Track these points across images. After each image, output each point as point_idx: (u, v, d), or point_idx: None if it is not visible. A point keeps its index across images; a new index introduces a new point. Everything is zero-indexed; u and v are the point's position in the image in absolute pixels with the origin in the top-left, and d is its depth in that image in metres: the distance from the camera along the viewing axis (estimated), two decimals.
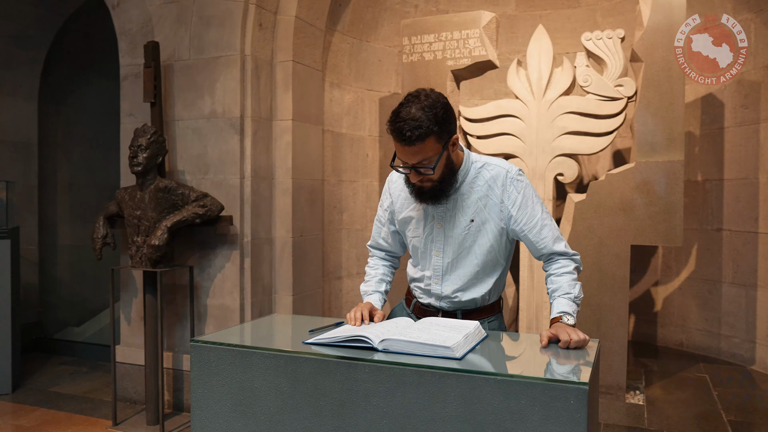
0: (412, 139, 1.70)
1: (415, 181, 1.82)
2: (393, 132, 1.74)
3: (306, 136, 4.23)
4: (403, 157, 1.78)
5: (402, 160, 1.80)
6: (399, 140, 1.73)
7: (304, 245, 4.24)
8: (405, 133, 1.70)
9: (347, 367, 1.53)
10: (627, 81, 3.85)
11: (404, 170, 1.82)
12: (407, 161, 1.78)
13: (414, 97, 1.75)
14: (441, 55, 4.15)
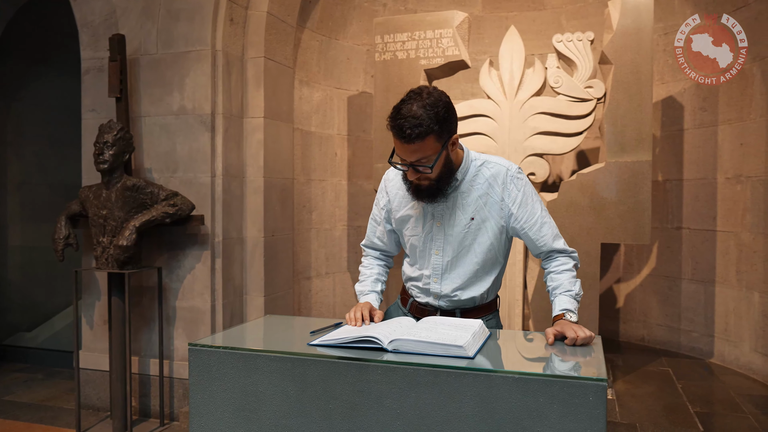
0: (411, 137, 1.69)
1: (412, 179, 1.81)
2: (393, 128, 1.72)
3: (277, 134, 4.16)
4: (401, 154, 1.76)
5: (400, 156, 1.77)
6: (398, 137, 1.71)
7: (276, 245, 4.17)
8: (405, 131, 1.68)
9: (358, 368, 1.50)
10: (596, 83, 3.93)
11: (402, 167, 1.80)
12: (405, 158, 1.76)
13: (416, 95, 1.73)
14: (414, 54, 4.15)
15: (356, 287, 2.10)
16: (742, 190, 4.26)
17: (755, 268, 4.14)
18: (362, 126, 5.24)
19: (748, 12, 4.11)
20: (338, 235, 5.14)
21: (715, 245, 4.51)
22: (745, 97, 4.20)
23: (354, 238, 5.22)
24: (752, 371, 4.17)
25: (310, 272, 4.92)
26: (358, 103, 5.19)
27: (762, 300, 4.07)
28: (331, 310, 5.11)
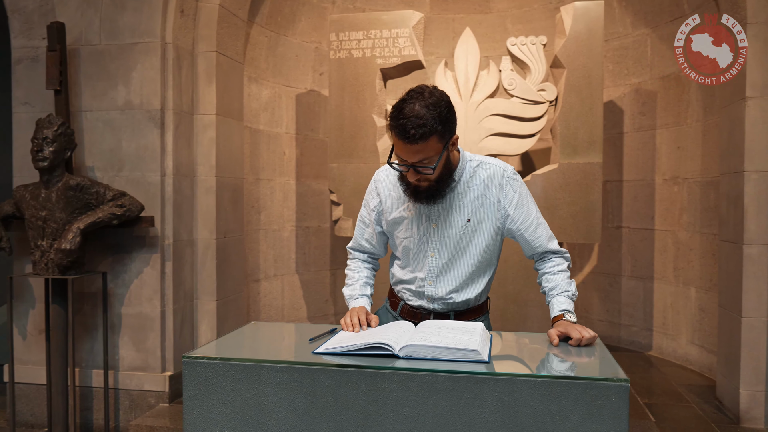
0: (415, 138, 1.64)
1: (412, 180, 1.76)
2: (395, 128, 1.67)
3: (229, 132, 4.01)
4: (402, 155, 1.71)
5: (401, 157, 1.73)
6: (401, 138, 1.66)
7: (228, 247, 4.01)
8: (409, 131, 1.64)
9: (373, 376, 1.45)
10: (549, 86, 4.03)
11: (401, 168, 1.76)
12: (407, 159, 1.71)
13: (417, 94, 1.69)
14: (370, 53, 4.11)
15: (345, 291, 2.04)
16: (679, 191, 4.48)
17: (692, 264, 4.37)
18: (310, 125, 5.15)
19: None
20: (286, 236, 5.02)
21: (653, 243, 4.73)
22: (682, 103, 4.43)
23: (302, 239, 5.12)
24: (689, 362, 4.40)
25: (258, 274, 4.78)
26: (306, 102, 5.09)
27: (698, 295, 4.30)
28: (279, 313, 4.99)
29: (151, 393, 3.63)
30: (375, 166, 4.13)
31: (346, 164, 4.16)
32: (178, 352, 3.71)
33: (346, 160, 4.16)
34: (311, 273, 5.21)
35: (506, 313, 4.01)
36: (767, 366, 3.28)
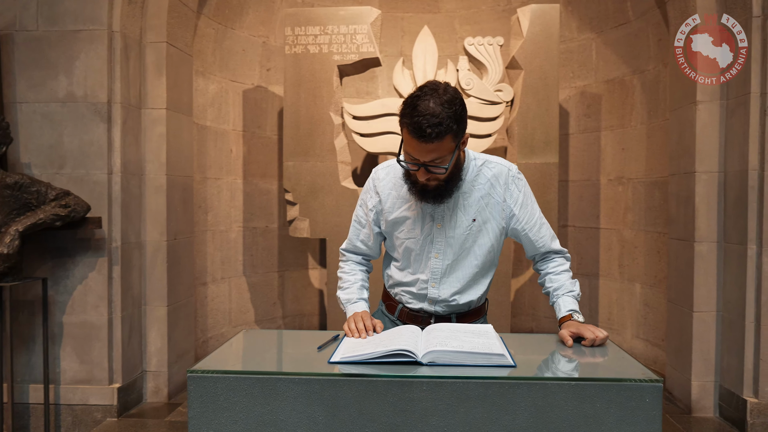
0: (432, 137, 1.58)
1: (422, 179, 1.70)
2: (410, 126, 1.60)
3: (179, 128, 3.79)
4: (415, 153, 1.64)
5: (412, 156, 1.66)
6: (416, 136, 1.59)
7: (178, 249, 3.80)
8: (425, 130, 1.57)
9: (400, 385, 1.38)
10: (505, 87, 4.07)
11: (412, 167, 1.69)
12: (419, 158, 1.65)
13: (432, 90, 1.62)
14: (327, 49, 4.00)
15: (340, 295, 1.95)
16: (624, 190, 4.65)
17: (636, 262, 4.55)
18: (258, 122, 4.97)
19: (629, 29, 4.50)
20: (234, 237, 4.82)
21: (598, 242, 4.89)
22: (626, 106, 4.60)
23: (249, 240, 4.94)
24: (635, 356, 4.56)
25: (206, 277, 4.57)
26: (253, 98, 4.92)
27: (643, 291, 4.48)
28: (226, 318, 4.79)
29: (97, 407, 3.38)
30: (332, 165, 4.03)
31: (302, 163, 4.04)
32: (127, 362, 3.47)
33: (302, 158, 4.04)
34: (259, 275, 5.04)
35: None
36: (716, 358, 3.45)
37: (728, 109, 3.36)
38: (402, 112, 1.64)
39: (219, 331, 4.72)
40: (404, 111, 1.63)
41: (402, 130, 1.65)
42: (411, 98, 1.63)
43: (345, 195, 4.03)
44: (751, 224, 3.16)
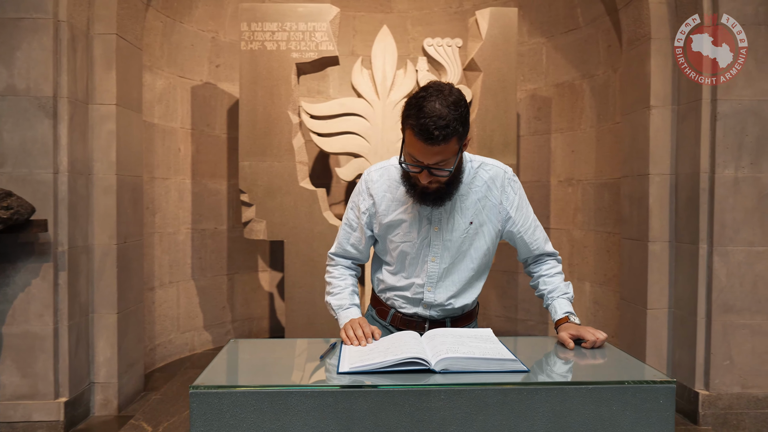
0: (438, 140, 1.54)
1: (424, 182, 1.66)
2: (415, 128, 1.55)
3: (129, 125, 3.59)
4: (419, 155, 1.60)
5: (415, 158, 1.61)
6: (422, 138, 1.55)
7: (128, 253, 3.60)
8: (432, 132, 1.53)
9: (418, 395, 1.33)
10: (464, 88, 4.09)
11: (414, 169, 1.64)
12: (423, 161, 1.60)
13: (437, 91, 1.58)
14: (285, 46, 3.90)
15: (330, 300, 1.88)
16: (573, 192, 4.78)
17: (586, 261, 4.68)
18: (207, 120, 4.79)
19: (579, 34, 4.63)
20: (182, 240, 4.63)
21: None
22: (576, 109, 4.73)
23: (198, 242, 4.76)
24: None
25: (153, 282, 4.36)
26: (202, 95, 4.74)
27: (593, 288, 4.62)
28: (174, 323, 4.59)
29: (41, 424, 3.15)
30: (291, 165, 3.93)
31: (259, 163, 3.92)
32: (74, 374, 3.26)
33: (259, 158, 3.92)
34: (207, 279, 4.86)
35: None
36: (668, 353, 3.59)
37: (679, 114, 3.50)
38: (406, 113, 1.59)
39: (167, 338, 4.52)
40: (409, 112, 1.58)
41: (405, 131, 1.61)
42: (416, 99, 1.58)
43: (303, 196, 3.94)
44: (703, 224, 3.31)
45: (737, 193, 3.25)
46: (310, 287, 3.95)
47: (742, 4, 3.21)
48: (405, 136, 1.62)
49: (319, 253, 3.93)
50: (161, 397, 3.77)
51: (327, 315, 3.94)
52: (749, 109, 3.23)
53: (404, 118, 1.60)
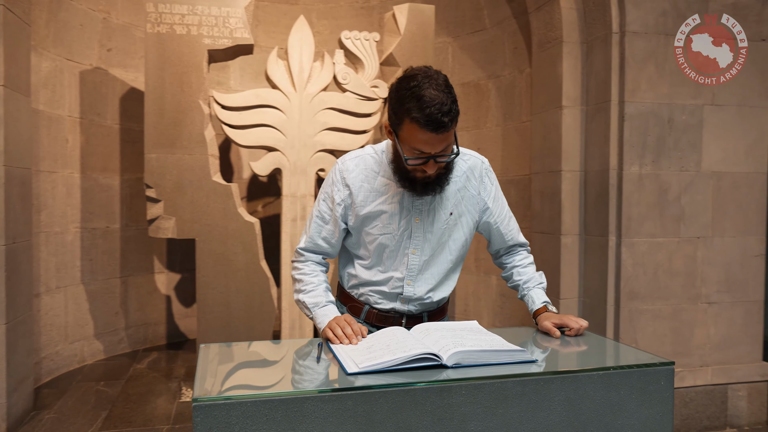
0: (448, 126, 1.50)
1: (431, 172, 1.59)
2: (421, 119, 1.48)
3: (18, 111, 3.18)
4: (425, 147, 1.53)
5: (420, 150, 1.54)
6: (432, 128, 1.48)
7: (18, 255, 3.18)
8: (441, 120, 1.47)
9: (439, 392, 1.27)
10: (380, 83, 4.07)
11: (418, 162, 1.57)
12: (430, 151, 1.54)
13: (426, 77, 1.52)
14: (196, 31, 3.65)
15: (304, 298, 1.76)
16: None
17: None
18: (97, 108, 4.38)
19: (485, 35, 4.78)
20: (70, 240, 4.18)
21: None
22: (482, 108, 4.88)
23: (88, 242, 4.33)
24: None
25: (39, 287, 3.89)
26: (92, 81, 4.31)
27: (499, 282, 4.79)
28: (62, 333, 4.13)
29: None
30: (202, 158, 3.69)
31: (168, 155, 3.63)
32: None
33: (168, 150, 3.63)
34: (99, 282, 4.43)
35: None
36: None
37: (588, 114, 3.72)
38: (403, 107, 1.51)
39: (54, 349, 4.06)
40: (407, 105, 1.50)
41: (402, 125, 1.53)
42: (408, 90, 1.51)
43: (217, 191, 3.71)
44: (612, 218, 3.53)
45: (641, 189, 3.51)
46: (225, 288, 3.73)
47: (645, 14, 3.47)
48: (402, 130, 1.55)
49: (234, 252, 3.72)
50: (56, 415, 3.38)
51: (244, 318, 3.75)
52: (651, 111, 3.50)
53: (401, 112, 1.52)
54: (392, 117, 1.57)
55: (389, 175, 1.73)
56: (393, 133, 1.60)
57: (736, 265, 3.66)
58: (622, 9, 3.45)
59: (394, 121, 1.57)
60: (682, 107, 3.52)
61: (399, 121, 1.54)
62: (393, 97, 1.56)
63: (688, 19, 3.37)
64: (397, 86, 1.56)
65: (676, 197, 3.55)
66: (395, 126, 1.57)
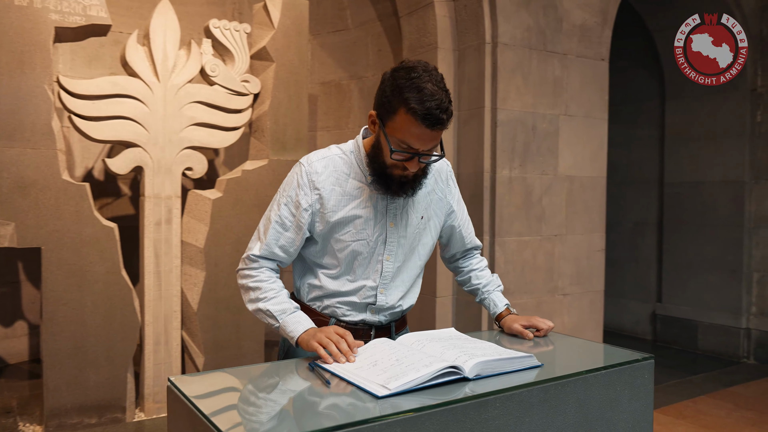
0: (443, 124, 1.45)
1: (413, 170, 1.52)
2: (419, 112, 1.41)
3: None
4: (417, 142, 1.46)
5: (409, 144, 1.46)
6: (428, 123, 1.42)
7: None
8: (440, 116, 1.42)
9: (478, 407, 1.21)
10: (252, 78, 3.83)
11: (402, 157, 1.49)
12: (419, 147, 1.47)
13: (426, 71, 1.45)
14: (41, 4, 3.11)
15: (266, 306, 1.56)
16: None
17: None
18: None
19: (348, 36, 4.76)
20: None
21: None
22: (343, 108, 4.85)
23: None
24: None
25: None
26: None
27: None
28: None
29: None
30: (50, 153, 3.16)
31: (5, 149, 3.05)
32: None
33: (5, 143, 3.05)
34: None
35: (218, 322, 3.65)
36: None
37: (461, 119, 3.88)
38: (401, 95, 1.43)
39: None
40: (406, 94, 1.42)
41: (395, 115, 1.45)
42: (408, 80, 1.43)
43: (68, 192, 3.21)
44: (486, 218, 3.74)
45: (511, 191, 3.76)
46: (79, 304, 3.24)
47: (513, 28, 3.72)
48: (393, 121, 1.46)
49: (90, 261, 3.25)
50: None
51: (103, 336, 3.30)
52: (518, 119, 3.76)
53: (397, 102, 1.44)
54: (384, 105, 1.48)
55: (360, 177, 1.62)
56: (379, 122, 1.51)
57: (584, 259, 4.09)
58: (494, 21, 3.66)
59: (385, 109, 1.48)
60: (543, 116, 3.84)
61: (392, 111, 1.46)
62: (389, 85, 1.47)
63: (604, 30, 3.66)
64: (393, 75, 1.48)
65: (539, 199, 3.86)
66: (385, 115, 1.49)
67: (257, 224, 1.71)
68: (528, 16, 3.75)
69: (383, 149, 1.51)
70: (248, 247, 1.69)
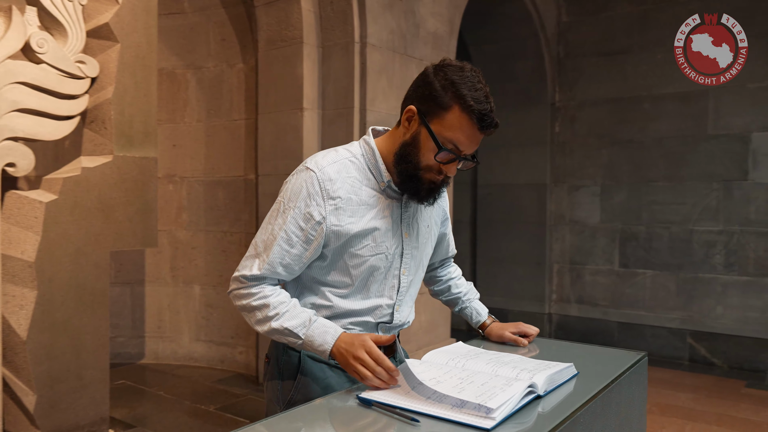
0: (494, 128, 1.36)
1: (452, 174, 1.40)
2: (475, 112, 1.31)
3: None
4: (465, 142, 1.35)
5: (456, 145, 1.35)
6: (482, 124, 1.33)
7: None
8: (493, 119, 1.34)
9: (573, 425, 1.18)
10: (89, 59, 3.23)
11: (446, 157, 1.36)
12: (465, 149, 1.36)
13: (473, 72, 1.35)
14: None
15: (283, 324, 1.34)
16: (177, 189, 4.42)
17: (195, 263, 4.41)
18: None
19: (184, 20, 4.31)
20: None
21: None
22: (178, 101, 4.38)
23: None
24: (194, 360, 4.43)
25: None
26: None
27: (204, 291, 4.39)
28: None
29: None
30: None
31: None
32: None
33: None
34: None
35: (54, 350, 3.03)
36: None
37: (326, 118, 3.76)
38: (458, 92, 1.31)
39: None
40: (463, 91, 1.31)
41: (448, 112, 1.33)
42: (460, 76, 1.32)
43: None
44: None
45: None
46: None
47: (380, 29, 3.72)
48: (443, 119, 1.34)
49: None
50: None
51: None
52: (385, 121, 3.77)
53: (452, 98, 1.32)
54: (432, 100, 1.35)
55: (373, 183, 1.47)
56: (420, 119, 1.38)
57: None
58: (363, 21, 3.62)
59: (434, 105, 1.35)
60: None
61: (443, 107, 1.34)
62: (439, 80, 1.35)
63: (451, 40, 3.76)
64: (443, 70, 1.36)
65: None
66: (431, 111, 1.36)
67: (100, 230, 1.44)
68: (392, 19, 3.78)
69: (420, 148, 1.38)
70: (242, 264, 1.42)
